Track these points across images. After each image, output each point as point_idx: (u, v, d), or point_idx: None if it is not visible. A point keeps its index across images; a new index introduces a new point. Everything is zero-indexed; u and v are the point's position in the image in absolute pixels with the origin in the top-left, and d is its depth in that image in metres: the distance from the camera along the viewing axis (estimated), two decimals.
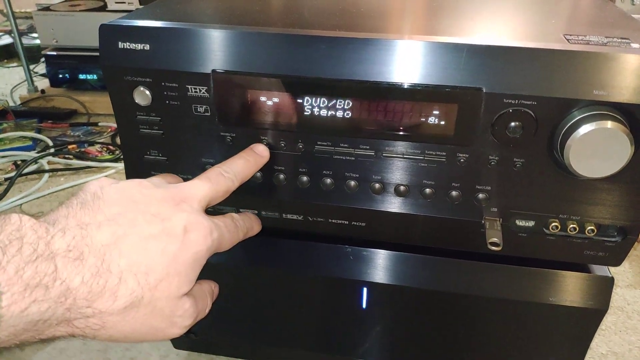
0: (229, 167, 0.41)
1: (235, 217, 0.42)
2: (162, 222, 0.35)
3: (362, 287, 0.49)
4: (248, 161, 0.42)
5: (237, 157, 0.42)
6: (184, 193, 0.38)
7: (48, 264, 0.29)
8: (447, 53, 0.38)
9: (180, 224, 0.35)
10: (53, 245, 0.30)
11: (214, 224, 0.38)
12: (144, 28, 0.41)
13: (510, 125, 0.38)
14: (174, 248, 0.34)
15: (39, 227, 0.30)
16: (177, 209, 0.36)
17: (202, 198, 0.38)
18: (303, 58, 0.40)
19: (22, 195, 0.91)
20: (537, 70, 0.37)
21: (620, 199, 0.40)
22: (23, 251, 0.29)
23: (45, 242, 0.30)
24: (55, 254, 0.30)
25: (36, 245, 0.29)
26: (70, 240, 0.31)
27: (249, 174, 0.42)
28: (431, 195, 0.43)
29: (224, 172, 0.40)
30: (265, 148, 0.43)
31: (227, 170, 0.41)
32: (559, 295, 0.46)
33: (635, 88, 0.36)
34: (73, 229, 0.32)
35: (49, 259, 0.30)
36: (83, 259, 0.31)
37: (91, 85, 1.27)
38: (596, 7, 0.53)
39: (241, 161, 0.42)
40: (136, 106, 0.43)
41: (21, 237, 0.29)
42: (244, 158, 0.42)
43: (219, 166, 0.41)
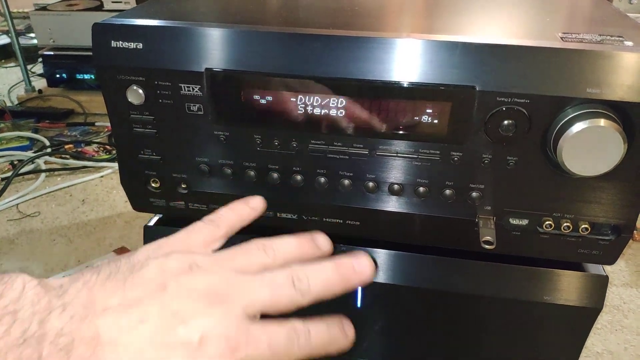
0: (308, 274, 0.32)
1: (299, 329, 0.32)
2: (177, 325, 0.28)
3: (357, 286, 0.49)
4: (336, 272, 0.34)
5: (325, 264, 0.34)
6: (230, 294, 0.30)
7: (33, 351, 0.25)
8: (441, 51, 0.38)
9: (197, 332, 0.28)
10: (48, 323, 0.26)
11: (249, 338, 0.29)
12: (136, 27, 0.41)
13: (504, 124, 0.38)
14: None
15: (41, 298, 0.27)
16: (207, 311, 0.29)
17: (250, 304, 0.30)
18: (297, 56, 0.39)
19: (18, 195, 0.91)
20: (530, 68, 0.37)
21: (614, 197, 0.40)
22: (12, 332, 0.25)
23: (40, 319, 0.26)
24: (45, 337, 0.26)
25: (28, 325, 0.26)
26: (66, 322, 0.26)
27: (331, 294, 0.34)
28: (425, 194, 0.43)
29: (297, 281, 0.32)
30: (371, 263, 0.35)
31: (300, 280, 0.32)
32: (554, 294, 0.46)
33: (628, 86, 0.36)
34: (76, 306, 0.27)
35: (37, 344, 0.25)
36: (70, 349, 0.26)
37: (88, 85, 1.27)
38: (591, 5, 0.53)
39: (328, 271, 0.33)
40: (129, 105, 0.43)
41: (15, 312, 0.26)
42: (333, 267, 0.34)
43: (297, 270, 0.32)
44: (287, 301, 0.32)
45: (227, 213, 0.37)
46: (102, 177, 0.99)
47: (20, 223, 0.85)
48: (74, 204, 0.91)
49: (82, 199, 0.92)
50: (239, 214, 0.38)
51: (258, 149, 0.43)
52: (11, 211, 0.89)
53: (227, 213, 0.37)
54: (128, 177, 0.47)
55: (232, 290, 0.30)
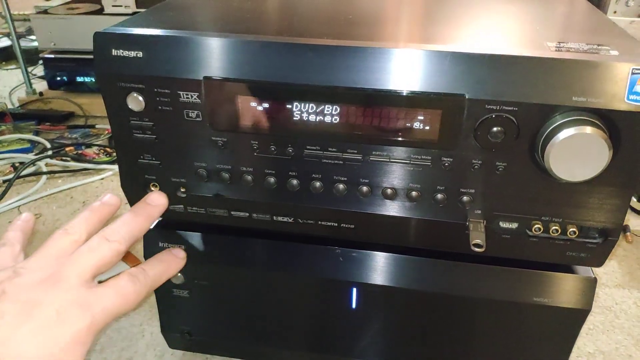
0: (114, 230, 0.40)
1: (133, 271, 0.41)
2: (32, 309, 0.34)
3: (352, 288, 0.51)
4: (137, 216, 0.42)
5: (126, 215, 0.42)
6: (61, 272, 0.36)
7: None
8: (431, 60, 0.39)
9: (52, 307, 0.34)
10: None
11: (96, 296, 0.36)
12: (137, 36, 0.42)
13: (493, 131, 0.39)
14: (48, 335, 0.33)
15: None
16: (52, 290, 0.35)
17: (82, 272, 0.37)
18: (291, 65, 0.41)
19: (20, 197, 0.92)
20: (518, 77, 0.38)
21: (601, 201, 0.41)
22: None
23: None
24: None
25: None
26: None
27: (141, 230, 0.42)
28: (417, 198, 0.44)
29: (108, 237, 0.40)
30: (160, 196, 0.44)
31: (110, 235, 0.40)
32: (544, 296, 0.47)
33: (613, 94, 0.37)
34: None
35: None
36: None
37: (89, 88, 1.28)
38: (580, 14, 0.54)
39: (129, 218, 0.42)
40: (129, 112, 0.44)
41: None
42: (132, 213, 0.42)
43: (104, 230, 0.40)
44: (110, 253, 0.39)
45: (11, 232, 0.44)
46: (102, 179, 1.00)
47: None
48: (74, 206, 0.92)
49: (82, 201, 0.93)
50: (20, 228, 0.44)
51: (255, 154, 0.45)
52: (12, 213, 0.90)
53: (11, 233, 0.44)
54: (128, 181, 0.48)
55: (61, 269, 0.36)
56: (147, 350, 0.62)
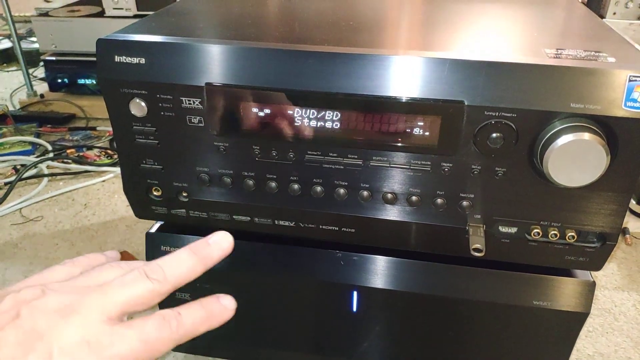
0: (160, 266, 0.34)
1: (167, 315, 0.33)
2: (34, 342, 0.29)
3: (353, 291, 0.51)
4: (192, 255, 0.35)
5: (179, 251, 0.35)
6: (83, 303, 0.31)
7: None
8: (431, 68, 0.39)
9: (55, 344, 0.29)
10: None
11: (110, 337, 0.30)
12: (139, 42, 0.42)
13: (492, 137, 0.39)
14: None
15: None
16: (64, 323, 0.30)
17: (108, 307, 0.31)
18: (293, 72, 0.41)
19: (21, 199, 0.93)
20: (517, 84, 0.38)
21: (599, 206, 0.42)
22: None
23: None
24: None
25: None
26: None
27: (192, 273, 0.35)
28: (417, 203, 0.44)
29: (149, 273, 0.33)
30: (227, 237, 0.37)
31: (154, 271, 0.33)
32: (543, 299, 0.48)
33: (610, 101, 0.37)
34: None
35: None
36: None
37: (90, 90, 1.29)
38: (579, 20, 0.55)
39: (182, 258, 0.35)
40: (132, 117, 0.44)
41: None
42: (188, 251, 0.35)
43: (149, 264, 0.34)
44: (146, 293, 0.32)
45: (84, 258, 0.38)
46: (103, 182, 1.00)
47: (24, 227, 0.87)
48: (76, 208, 0.92)
49: (84, 204, 0.93)
50: (97, 260, 0.38)
51: (256, 159, 0.45)
52: (14, 215, 0.90)
53: (84, 258, 0.38)
54: (131, 185, 0.49)
55: (85, 299, 0.31)
56: None
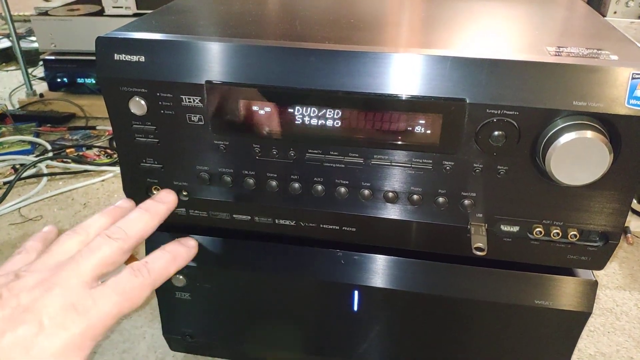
0: (119, 227, 0.38)
1: (135, 266, 0.37)
2: (22, 314, 0.32)
3: (353, 291, 0.51)
4: (144, 213, 0.40)
5: (132, 212, 0.40)
6: (60, 274, 0.34)
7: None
8: (432, 65, 0.39)
9: (43, 313, 0.32)
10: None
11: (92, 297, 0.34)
12: (139, 40, 0.42)
13: (494, 135, 0.39)
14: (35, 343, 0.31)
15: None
16: (47, 294, 0.33)
17: (83, 273, 0.35)
18: (293, 70, 0.41)
19: (21, 199, 0.93)
20: (519, 82, 0.38)
21: (601, 205, 0.42)
22: None
23: None
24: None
25: None
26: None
27: (148, 228, 0.40)
28: (419, 202, 0.44)
29: (111, 234, 0.37)
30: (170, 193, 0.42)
31: (114, 233, 0.38)
32: (545, 298, 0.48)
33: (613, 98, 0.37)
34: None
35: None
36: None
37: (89, 89, 1.28)
38: (580, 18, 0.55)
39: (135, 216, 0.39)
40: (132, 116, 0.44)
41: None
42: (139, 210, 0.40)
43: (109, 229, 0.38)
44: (114, 252, 0.37)
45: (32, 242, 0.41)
46: (103, 181, 1.00)
47: (23, 227, 0.87)
48: (75, 207, 0.92)
49: (83, 203, 0.93)
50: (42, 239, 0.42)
51: (257, 158, 0.45)
52: (13, 215, 0.90)
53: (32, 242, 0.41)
54: (130, 184, 0.49)
55: (60, 271, 0.34)
56: (148, 352, 0.62)
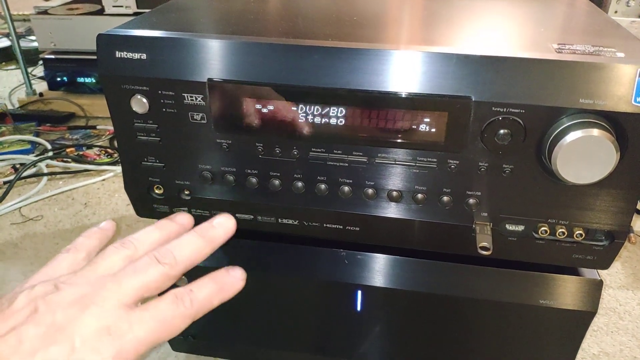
0: (169, 250, 0.35)
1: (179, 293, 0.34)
2: (55, 334, 0.30)
3: (357, 290, 0.50)
4: (199, 238, 0.37)
5: (186, 235, 0.37)
6: (99, 293, 0.32)
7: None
8: (437, 62, 0.39)
9: (77, 334, 0.30)
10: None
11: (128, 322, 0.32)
12: (140, 38, 0.42)
13: (499, 133, 0.39)
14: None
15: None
16: (82, 314, 0.31)
17: (124, 295, 0.33)
18: (296, 67, 0.40)
19: (21, 198, 0.92)
20: (525, 80, 0.38)
21: (608, 204, 0.41)
22: None
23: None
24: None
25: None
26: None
27: (200, 255, 0.37)
28: (423, 201, 0.44)
29: (160, 258, 0.35)
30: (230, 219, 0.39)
31: (163, 256, 0.35)
32: (550, 298, 0.47)
33: (620, 96, 0.37)
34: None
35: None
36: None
37: (89, 89, 1.28)
38: (585, 15, 0.54)
39: (191, 240, 0.36)
40: (133, 114, 0.44)
41: None
42: (194, 234, 0.37)
43: (159, 249, 0.35)
44: (159, 277, 0.34)
45: (84, 239, 0.39)
46: (103, 181, 0.99)
47: (24, 227, 0.86)
48: (76, 207, 0.91)
49: (84, 203, 0.93)
50: (98, 237, 0.40)
51: (260, 157, 0.44)
52: (14, 215, 0.89)
53: (84, 239, 0.39)
54: (132, 183, 0.48)
55: (100, 289, 0.32)
56: (151, 352, 0.62)
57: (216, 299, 0.37)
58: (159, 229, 0.38)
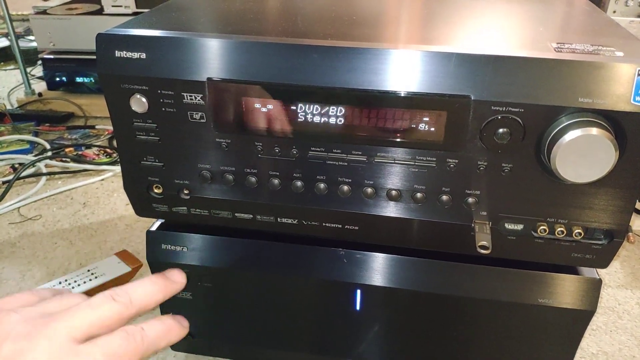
0: (125, 290, 0.37)
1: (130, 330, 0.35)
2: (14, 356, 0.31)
3: (356, 290, 0.50)
4: (154, 285, 0.39)
5: (143, 280, 0.39)
6: (51, 323, 0.33)
7: None
8: (436, 62, 0.39)
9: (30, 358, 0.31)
10: None
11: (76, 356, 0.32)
12: (140, 37, 0.42)
13: (498, 132, 0.39)
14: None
15: None
16: (29, 347, 0.31)
17: (74, 328, 0.33)
18: (296, 66, 0.40)
19: (19, 198, 0.92)
20: (524, 78, 0.38)
21: (607, 203, 0.41)
22: None
23: None
24: None
25: None
26: None
27: (153, 302, 0.38)
28: (422, 200, 0.44)
29: (116, 296, 0.35)
30: (181, 274, 0.41)
31: (119, 295, 0.36)
32: (549, 297, 0.47)
33: (619, 95, 0.37)
34: None
35: None
36: None
37: (88, 88, 1.28)
38: (584, 15, 0.54)
39: (145, 285, 0.38)
40: (133, 113, 0.44)
41: None
42: (149, 282, 0.39)
43: (114, 289, 0.36)
44: (112, 315, 0.35)
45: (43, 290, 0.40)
46: (102, 180, 0.99)
47: (22, 226, 0.86)
48: (75, 207, 0.91)
49: (83, 202, 0.93)
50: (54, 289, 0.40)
51: (259, 156, 0.44)
52: (12, 214, 0.89)
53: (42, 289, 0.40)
54: (131, 183, 0.48)
55: (51, 322, 0.32)
56: None
57: (164, 340, 0.38)
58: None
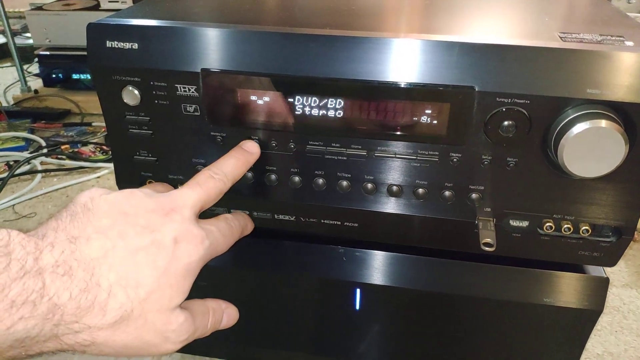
0: (219, 168, 0.40)
1: (229, 217, 0.42)
2: (151, 233, 0.34)
3: (355, 288, 0.49)
4: (238, 160, 0.42)
5: (227, 157, 0.42)
6: (174, 202, 0.37)
7: (36, 281, 0.29)
8: (439, 51, 0.37)
9: (170, 235, 0.35)
10: (41, 260, 0.30)
11: (205, 231, 0.37)
12: (132, 27, 0.41)
13: (503, 125, 0.38)
14: (164, 260, 0.34)
15: (28, 242, 0.30)
16: (167, 219, 0.35)
17: (193, 205, 0.37)
18: (293, 57, 0.39)
19: (14, 195, 0.91)
20: (530, 69, 0.36)
21: (615, 198, 0.40)
22: (11, 268, 0.28)
23: (34, 257, 0.30)
24: (44, 269, 0.30)
25: (24, 262, 0.29)
26: (58, 255, 0.31)
27: (240, 173, 0.42)
28: (424, 196, 0.42)
29: (214, 174, 0.40)
30: (255, 144, 0.43)
31: (216, 172, 0.40)
32: (554, 296, 0.46)
33: (629, 86, 0.36)
34: (62, 242, 0.31)
35: (37, 274, 0.29)
36: (72, 274, 0.30)
37: (85, 85, 1.27)
38: (591, 5, 0.53)
39: (231, 160, 0.41)
40: (125, 106, 0.43)
41: (9, 253, 0.29)
42: (233, 157, 0.42)
43: (209, 168, 0.40)
44: (215, 190, 0.39)
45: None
46: (98, 178, 0.98)
47: (17, 224, 0.85)
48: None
49: None
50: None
51: None
52: (7, 212, 0.88)
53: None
54: (124, 178, 0.47)
55: (174, 200, 0.37)
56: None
57: (245, 229, 0.45)
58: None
